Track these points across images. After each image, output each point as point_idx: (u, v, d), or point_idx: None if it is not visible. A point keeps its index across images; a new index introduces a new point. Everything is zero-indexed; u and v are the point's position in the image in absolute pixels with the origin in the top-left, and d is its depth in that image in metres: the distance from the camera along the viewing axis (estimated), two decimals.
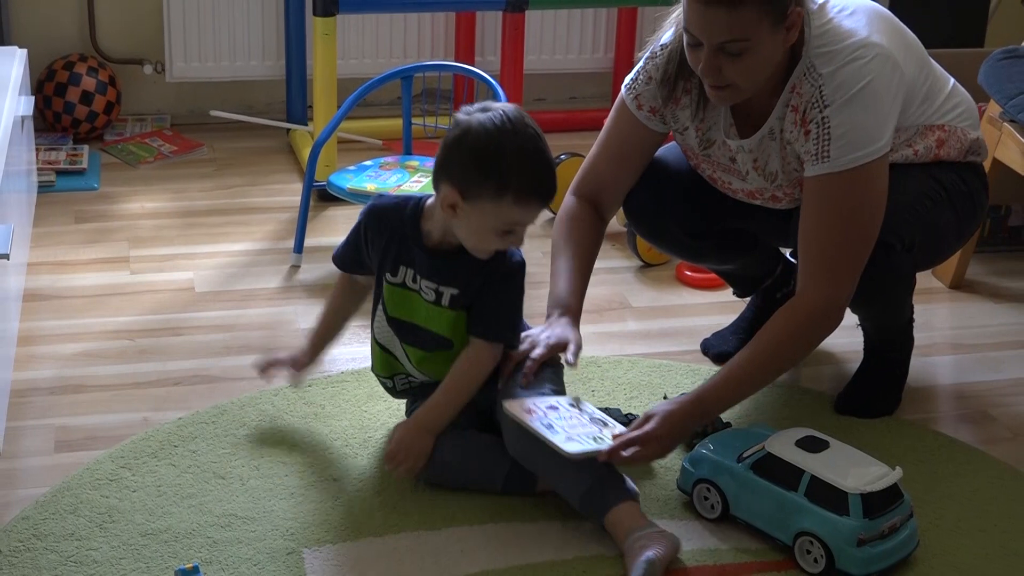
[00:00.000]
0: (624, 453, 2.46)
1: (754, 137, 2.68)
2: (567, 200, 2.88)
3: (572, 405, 2.55)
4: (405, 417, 2.72)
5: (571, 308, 2.71)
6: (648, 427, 2.51)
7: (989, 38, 4.46)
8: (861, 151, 2.54)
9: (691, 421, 2.56)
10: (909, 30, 2.74)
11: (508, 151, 2.43)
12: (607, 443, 2.46)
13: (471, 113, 2.49)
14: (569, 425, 2.49)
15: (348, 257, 2.71)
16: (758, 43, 2.49)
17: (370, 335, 2.71)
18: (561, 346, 2.62)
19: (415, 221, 2.58)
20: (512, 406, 2.49)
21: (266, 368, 2.82)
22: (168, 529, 2.44)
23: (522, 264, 2.59)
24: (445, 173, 2.48)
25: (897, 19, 2.72)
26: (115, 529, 2.44)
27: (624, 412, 2.74)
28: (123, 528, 2.44)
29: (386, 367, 2.72)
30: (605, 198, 2.86)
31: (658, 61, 2.74)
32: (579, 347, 2.62)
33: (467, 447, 2.58)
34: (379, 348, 2.70)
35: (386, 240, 2.61)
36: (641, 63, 2.78)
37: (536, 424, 2.45)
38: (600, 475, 2.45)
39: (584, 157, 2.93)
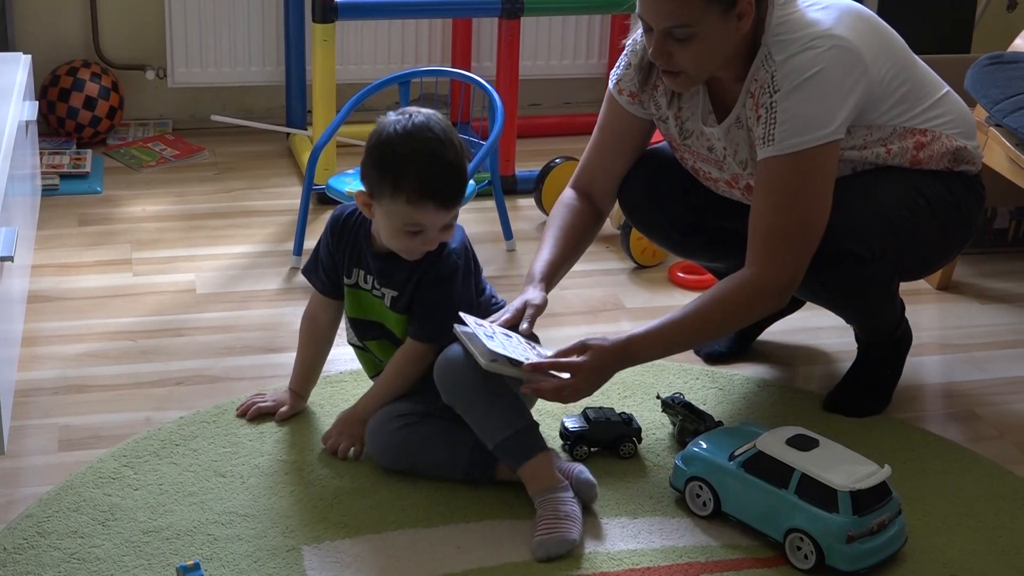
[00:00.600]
0: (554, 373, 2.52)
1: (722, 125, 2.71)
2: (563, 192, 2.93)
3: (530, 345, 2.60)
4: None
5: (536, 277, 2.73)
6: (582, 359, 2.54)
7: (975, 44, 4.49)
8: (806, 136, 2.56)
9: (617, 365, 2.58)
10: (896, 34, 2.76)
11: (402, 153, 2.52)
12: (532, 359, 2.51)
13: (387, 117, 2.58)
14: (511, 345, 2.53)
15: (314, 266, 2.77)
16: (705, 30, 2.53)
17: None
18: (521, 310, 2.65)
19: (367, 225, 2.65)
20: (468, 318, 2.55)
21: (248, 413, 2.83)
22: (170, 527, 2.47)
23: (456, 267, 2.63)
24: (361, 173, 2.60)
25: (882, 22, 2.74)
26: (117, 527, 2.46)
27: (618, 412, 2.78)
28: (125, 526, 2.46)
29: (370, 367, 2.80)
30: (597, 187, 2.90)
31: (636, 47, 2.78)
32: (537, 308, 2.65)
33: (428, 434, 2.62)
34: (356, 350, 2.79)
35: (345, 243, 2.69)
36: (624, 53, 2.83)
37: (479, 331, 2.50)
38: (519, 428, 2.51)
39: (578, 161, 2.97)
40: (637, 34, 2.78)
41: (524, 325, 2.63)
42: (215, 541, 2.44)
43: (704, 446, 2.58)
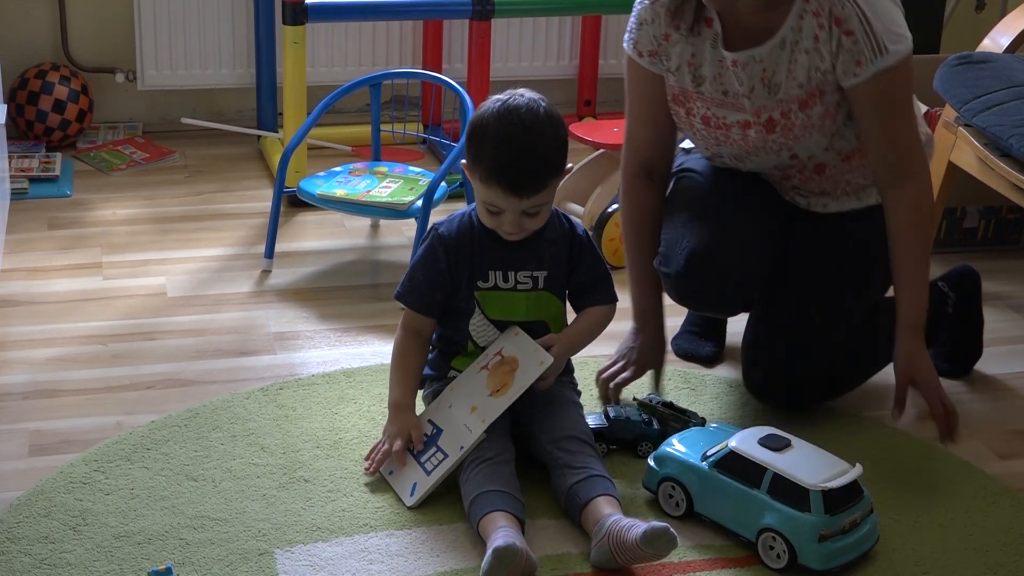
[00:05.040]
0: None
1: (765, 46, 2.67)
2: (621, 183, 2.96)
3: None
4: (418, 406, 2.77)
5: (650, 318, 2.89)
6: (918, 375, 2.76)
7: (944, 44, 4.51)
8: (904, 43, 2.63)
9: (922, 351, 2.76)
10: None
11: (485, 133, 2.56)
12: None
13: (505, 94, 2.62)
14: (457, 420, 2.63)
15: (424, 291, 2.69)
16: None
17: (458, 339, 2.73)
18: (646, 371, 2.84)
19: (482, 224, 2.65)
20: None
21: (379, 466, 2.68)
22: (141, 531, 2.46)
23: (589, 236, 2.74)
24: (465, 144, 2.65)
25: None
26: (88, 532, 2.45)
27: (639, 412, 2.81)
28: (96, 531, 2.46)
29: (467, 363, 2.75)
30: (655, 159, 2.92)
31: (647, 4, 2.78)
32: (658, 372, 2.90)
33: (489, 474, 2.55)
34: (474, 346, 2.72)
35: (467, 253, 2.66)
36: (632, 17, 2.83)
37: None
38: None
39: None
40: None
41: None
42: (187, 545, 2.43)
43: (676, 446, 2.59)
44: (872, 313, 2.91)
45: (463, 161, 2.64)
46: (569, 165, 2.63)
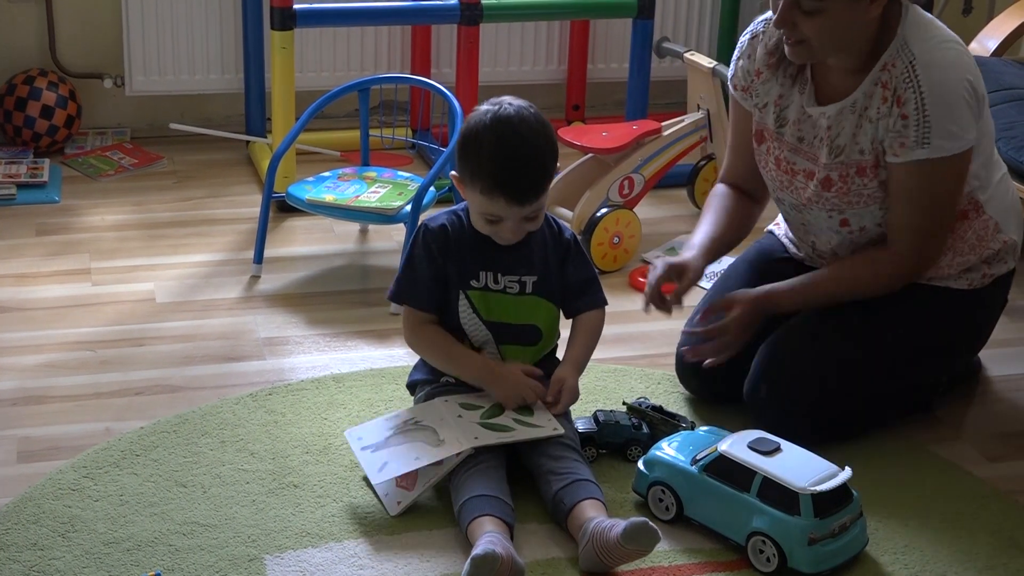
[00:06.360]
0: (704, 330, 2.80)
1: (834, 106, 2.72)
2: (715, 187, 3.01)
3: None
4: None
5: (696, 248, 2.85)
6: (728, 318, 2.77)
7: None
8: (957, 141, 2.64)
9: (759, 315, 2.79)
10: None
11: (481, 144, 2.55)
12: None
13: (482, 105, 2.61)
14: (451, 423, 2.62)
15: (421, 287, 2.68)
16: (834, 6, 2.57)
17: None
18: (679, 268, 2.76)
19: (472, 226, 2.66)
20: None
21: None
22: (130, 537, 2.46)
23: (577, 239, 2.75)
24: (456, 157, 2.63)
25: None
26: (77, 538, 2.45)
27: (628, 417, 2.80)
28: (85, 537, 2.45)
29: None
30: (747, 183, 2.98)
31: (747, 38, 2.86)
32: (691, 281, 2.78)
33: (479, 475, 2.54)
34: (469, 345, 2.71)
35: (460, 251, 2.66)
36: (736, 49, 2.91)
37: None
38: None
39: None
40: (753, 26, 2.85)
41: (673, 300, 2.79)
42: (176, 552, 2.43)
43: (666, 450, 2.59)
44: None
45: (453, 173, 2.63)
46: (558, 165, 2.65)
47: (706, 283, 3.33)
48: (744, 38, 2.88)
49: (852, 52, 2.68)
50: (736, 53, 2.90)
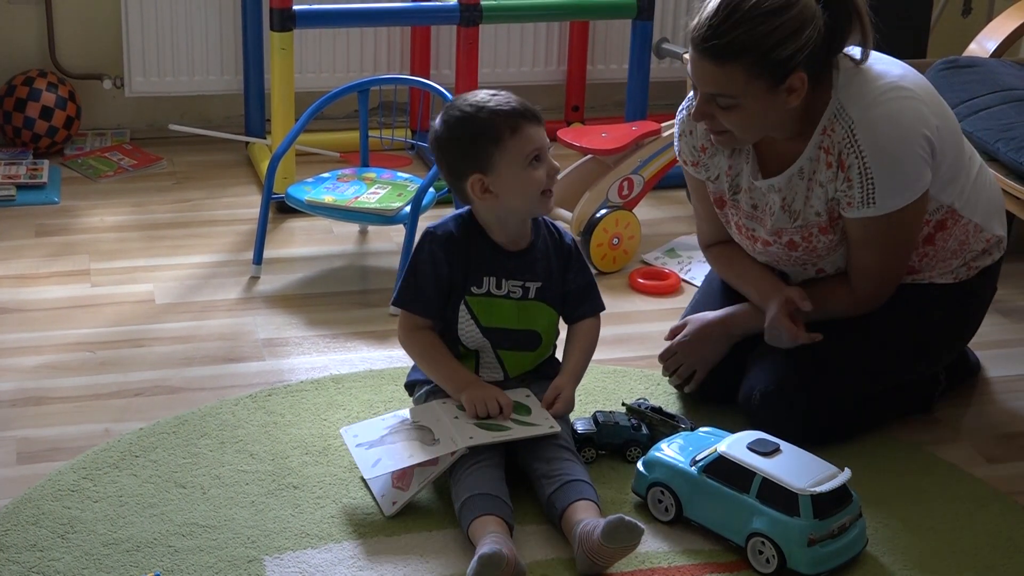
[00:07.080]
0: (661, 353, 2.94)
1: (783, 175, 2.73)
2: (705, 255, 3.04)
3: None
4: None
5: (775, 281, 2.87)
6: (681, 337, 2.91)
7: (931, 49, 4.51)
8: (905, 195, 2.64)
9: (715, 337, 2.91)
10: (947, 105, 2.81)
11: (477, 117, 2.57)
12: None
13: (438, 119, 2.63)
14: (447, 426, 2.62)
15: (425, 294, 2.67)
16: (749, 101, 2.57)
17: (448, 344, 2.71)
18: (792, 304, 2.79)
19: (479, 231, 2.66)
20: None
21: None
22: (130, 539, 2.46)
23: (577, 244, 2.78)
24: (457, 172, 2.60)
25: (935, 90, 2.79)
26: (77, 539, 2.45)
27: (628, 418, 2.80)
28: (85, 538, 2.45)
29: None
30: (731, 239, 2.97)
31: (683, 115, 2.85)
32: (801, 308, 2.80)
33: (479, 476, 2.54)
34: (465, 350, 2.72)
35: (465, 255, 2.66)
36: (675, 126, 2.89)
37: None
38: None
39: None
40: (685, 103, 2.84)
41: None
42: (176, 553, 2.43)
43: (666, 451, 2.59)
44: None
45: (475, 178, 2.59)
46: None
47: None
48: (681, 114, 2.86)
49: (782, 131, 2.69)
50: (676, 130, 2.88)
